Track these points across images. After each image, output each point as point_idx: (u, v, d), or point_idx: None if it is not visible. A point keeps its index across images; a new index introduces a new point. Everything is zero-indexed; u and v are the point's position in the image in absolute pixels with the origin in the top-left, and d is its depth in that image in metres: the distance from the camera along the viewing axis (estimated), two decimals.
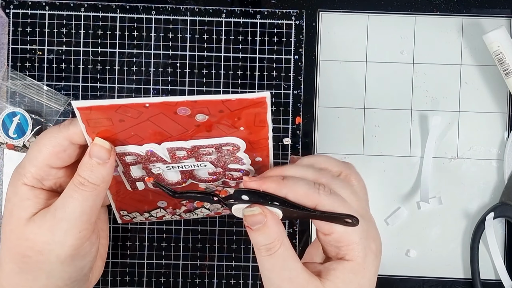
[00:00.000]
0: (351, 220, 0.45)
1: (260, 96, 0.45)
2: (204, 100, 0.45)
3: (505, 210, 0.62)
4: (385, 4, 0.63)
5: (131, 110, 0.45)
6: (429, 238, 0.63)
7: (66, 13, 0.62)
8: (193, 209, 0.57)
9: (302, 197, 0.46)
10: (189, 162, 0.50)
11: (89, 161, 0.47)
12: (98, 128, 0.47)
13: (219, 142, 0.48)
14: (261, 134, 0.48)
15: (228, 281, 0.63)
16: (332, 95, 0.63)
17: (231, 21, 0.63)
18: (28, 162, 0.48)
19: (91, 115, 0.46)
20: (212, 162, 0.50)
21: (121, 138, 0.48)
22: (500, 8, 0.63)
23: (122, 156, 0.49)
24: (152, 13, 0.63)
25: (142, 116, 0.46)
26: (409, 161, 0.63)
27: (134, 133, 0.47)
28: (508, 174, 0.62)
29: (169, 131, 0.47)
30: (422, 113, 0.63)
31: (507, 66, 0.60)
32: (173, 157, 0.49)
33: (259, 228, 0.45)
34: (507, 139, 0.63)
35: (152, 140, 0.48)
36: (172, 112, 0.45)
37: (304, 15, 0.63)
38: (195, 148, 0.49)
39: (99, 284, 0.62)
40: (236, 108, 0.46)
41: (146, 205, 0.57)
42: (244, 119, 0.47)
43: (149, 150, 0.49)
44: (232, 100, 0.45)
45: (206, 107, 0.45)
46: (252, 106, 0.46)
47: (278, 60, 0.63)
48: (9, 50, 0.62)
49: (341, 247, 0.46)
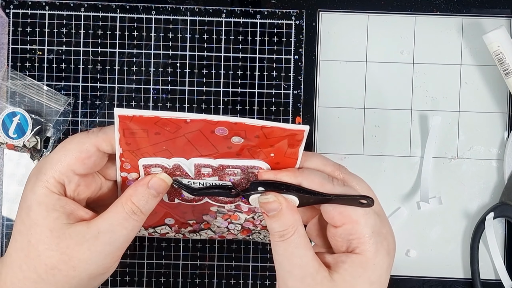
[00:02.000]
0: (367, 201, 0.45)
1: (299, 128, 0.44)
2: (243, 124, 0.44)
3: (505, 210, 0.62)
4: (385, 4, 0.63)
5: (171, 124, 0.44)
6: (429, 238, 0.63)
7: (66, 13, 0.62)
8: (198, 230, 0.56)
9: (316, 185, 0.46)
10: (212, 180, 0.49)
11: (146, 191, 0.47)
12: (132, 139, 0.46)
13: (246, 164, 0.48)
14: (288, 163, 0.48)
15: (228, 281, 0.63)
16: (332, 95, 0.63)
17: (231, 21, 0.63)
18: (51, 166, 0.47)
19: (130, 124, 0.44)
20: (234, 183, 0.49)
21: (151, 152, 0.47)
22: (500, 8, 0.63)
23: (147, 168, 0.48)
24: (152, 13, 0.63)
25: (179, 131, 0.45)
26: (409, 161, 0.63)
27: (165, 148, 0.46)
28: (508, 174, 0.62)
29: (200, 150, 0.46)
30: (422, 113, 0.63)
31: (507, 66, 0.60)
32: (197, 173, 0.48)
33: (274, 215, 0.46)
34: (507, 139, 0.63)
35: (181, 155, 0.47)
36: (209, 131, 0.44)
37: (304, 15, 0.63)
38: (221, 167, 0.48)
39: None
40: (272, 137, 0.45)
41: (154, 221, 0.55)
42: (276, 148, 0.46)
43: (176, 164, 0.48)
44: (270, 128, 0.44)
45: (244, 130, 0.44)
46: (289, 137, 0.45)
47: (278, 60, 0.63)
48: (9, 50, 0.62)
49: (352, 240, 0.46)
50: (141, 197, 0.47)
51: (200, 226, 0.56)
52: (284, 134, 0.45)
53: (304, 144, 0.46)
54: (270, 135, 0.45)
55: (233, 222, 0.55)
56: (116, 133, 0.45)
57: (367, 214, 0.46)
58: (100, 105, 0.62)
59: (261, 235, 0.57)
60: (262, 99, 0.62)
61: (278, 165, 0.48)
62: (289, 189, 0.46)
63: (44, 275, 0.47)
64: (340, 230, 0.47)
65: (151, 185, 0.47)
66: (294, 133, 0.45)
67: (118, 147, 0.46)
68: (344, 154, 0.63)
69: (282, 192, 0.46)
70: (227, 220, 0.55)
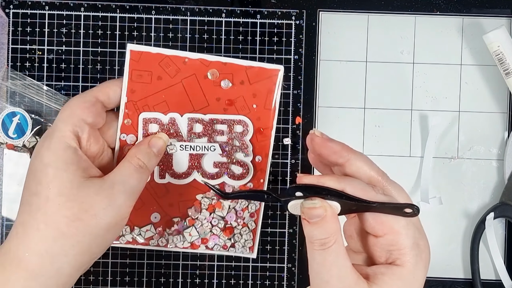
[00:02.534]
0: (412, 210, 0.44)
1: (275, 68, 0.56)
2: (232, 64, 0.55)
3: (505, 210, 0.62)
4: (385, 4, 0.63)
5: (172, 64, 0.55)
6: (429, 238, 0.63)
7: (66, 13, 0.62)
8: (182, 230, 0.58)
9: (360, 191, 0.45)
10: (202, 142, 0.56)
11: (148, 149, 0.53)
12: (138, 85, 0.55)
13: (233, 118, 0.56)
14: (267, 122, 0.56)
15: (228, 281, 0.63)
16: (332, 95, 0.63)
17: (231, 21, 0.63)
18: (63, 123, 0.51)
19: (138, 65, 0.55)
20: (221, 146, 0.56)
21: (151, 104, 0.56)
22: (500, 8, 0.63)
23: (146, 124, 0.56)
24: (152, 13, 0.63)
25: (178, 75, 0.55)
26: (409, 161, 0.63)
27: (164, 98, 0.55)
28: (508, 174, 0.62)
29: (193, 102, 0.56)
30: (422, 113, 0.63)
31: (507, 66, 0.60)
32: (190, 131, 0.56)
33: (317, 222, 0.44)
34: (507, 139, 0.63)
35: (177, 110, 0.56)
36: (202, 76, 0.55)
37: (304, 15, 0.63)
38: (211, 122, 0.56)
39: (99, 284, 0.62)
40: (255, 81, 0.55)
41: (141, 216, 0.58)
42: (258, 96, 0.56)
43: (172, 118, 0.56)
44: (253, 68, 0.55)
45: (231, 73, 0.56)
46: (268, 80, 0.55)
47: (278, 60, 0.63)
48: (9, 50, 0.62)
49: (392, 251, 0.45)
50: (145, 153, 0.53)
51: (184, 224, 0.58)
52: (265, 76, 0.56)
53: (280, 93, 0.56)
54: (253, 79, 0.56)
55: (217, 213, 0.57)
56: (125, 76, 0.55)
57: (407, 225, 0.45)
58: None
59: (242, 238, 0.58)
60: None
61: (259, 120, 0.56)
62: (331, 194, 0.45)
63: (65, 229, 0.49)
64: (381, 240, 0.45)
65: (151, 144, 0.54)
66: (271, 74, 0.55)
67: (124, 95, 0.55)
68: None
69: (325, 198, 0.45)
70: (211, 215, 0.57)
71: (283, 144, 0.63)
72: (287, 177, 0.62)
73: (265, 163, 0.56)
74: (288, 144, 0.63)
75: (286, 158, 0.62)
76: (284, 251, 0.63)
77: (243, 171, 0.57)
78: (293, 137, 0.63)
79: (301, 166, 0.63)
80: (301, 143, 0.63)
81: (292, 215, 0.62)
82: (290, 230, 0.62)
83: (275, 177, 0.62)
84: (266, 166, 0.56)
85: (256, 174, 0.57)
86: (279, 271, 0.63)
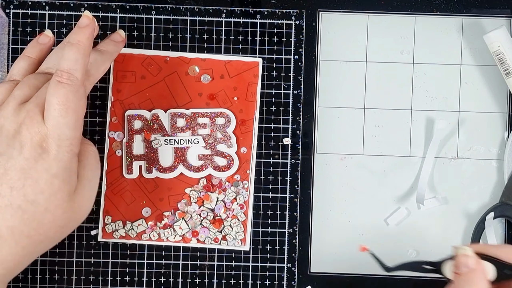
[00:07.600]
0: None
1: (254, 60, 0.60)
2: (210, 59, 0.59)
3: (505, 210, 0.62)
4: (385, 4, 0.63)
5: (154, 64, 0.59)
6: (429, 238, 0.63)
7: (66, 13, 0.62)
8: (173, 223, 0.60)
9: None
10: (185, 136, 0.59)
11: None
12: (123, 84, 0.59)
13: (215, 111, 0.60)
14: (250, 114, 0.60)
15: (228, 281, 0.63)
16: (332, 95, 0.63)
17: (231, 21, 0.63)
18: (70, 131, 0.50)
19: (122, 65, 0.59)
20: (205, 138, 0.60)
21: (136, 102, 0.60)
22: (500, 8, 0.63)
23: (131, 120, 0.59)
24: (152, 13, 0.63)
25: (160, 74, 0.59)
26: (409, 161, 0.63)
27: (148, 95, 0.59)
28: (508, 174, 0.62)
29: (176, 98, 0.59)
30: (422, 113, 0.63)
31: (507, 66, 0.60)
32: (173, 127, 0.59)
33: (466, 273, 0.44)
34: (507, 139, 0.63)
35: (161, 106, 0.59)
36: (184, 73, 0.60)
37: (304, 15, 0.63)
38: (194, 116, 0.59)
39: (99, 284, 0.62)
40: (234, 74, 0.59)
41: (132, 211, 0.60)
42: (239, 89, 0.59)
43: (155, 114, 0.59)
44: (232, 62, 0.59)
45: (211, 68, 0.60)
46: (248, 72, 0.59)
47: (278, 60, 0.63)
48: (9, 50, 0.62)
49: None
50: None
51: (175, 217, 0.60)
52: (244, 69, 0.59)
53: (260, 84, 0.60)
54: (232, 72, 0.59)
55: (206, 205, 0.60)
56: (110, 79, 0.59)
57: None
58: (100, 105, 0.62)
59: (233, 230, 0.60)
60: (262, 99, 0.62)
61: (242, 112, 0.60)
62: (486, 259, 0.45)
63: (54, 236, 0.51)
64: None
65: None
66: (251, 66, 0.59)
67: (110, 94, 0.59)
68: (344, 154, 0.63)
69: (480, 257, 0.45)
70: (200, 207, 0.60)
71: (283, 144, 0.63)
72: (287, 177, 0.62)
73: (250, 154, 0.59)
74: (288, 144, 0.63)
75: (286, 158, 0.62)
76: (284, 251, 0.63)
77: (227, 162, 0.60)
78: (293, 137, 0.63)
79: (301, 166, 0.63)
80: (301, 143, 0.63)
81: (292, 215, 0.62)
82: (290, 230, 0.62)
83: (275, 177, 0.62)
84: (251, 157, 0.59)
85: (242, 165, 0.60)
86: (279, 271, 0.63)
